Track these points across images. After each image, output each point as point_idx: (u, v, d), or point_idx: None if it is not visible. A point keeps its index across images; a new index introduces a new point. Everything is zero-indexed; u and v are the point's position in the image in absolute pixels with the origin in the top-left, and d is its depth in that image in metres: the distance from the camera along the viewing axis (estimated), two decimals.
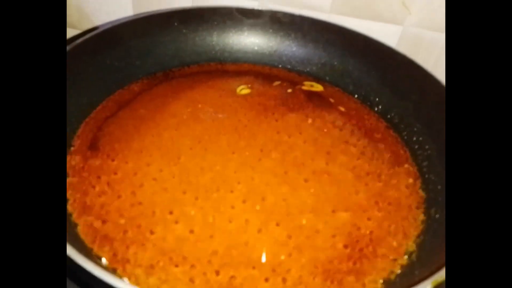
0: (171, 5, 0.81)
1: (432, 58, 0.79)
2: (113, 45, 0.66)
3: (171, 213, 0.49)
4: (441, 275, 0.37)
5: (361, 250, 0.47)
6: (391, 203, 0.53)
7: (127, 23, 0.68)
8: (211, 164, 0.55)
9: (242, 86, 0.69)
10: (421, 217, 0.52)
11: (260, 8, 0.74)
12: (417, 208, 0.53)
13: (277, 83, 0.70)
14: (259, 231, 0.48)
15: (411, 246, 0.48)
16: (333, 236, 0.48)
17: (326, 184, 0.54)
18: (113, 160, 0.54)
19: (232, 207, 0.50)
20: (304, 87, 0.70)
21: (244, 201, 0.51)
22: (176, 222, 0.48)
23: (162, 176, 0.53)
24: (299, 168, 0.56)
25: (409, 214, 0.52)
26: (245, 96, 0.67)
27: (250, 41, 0.75)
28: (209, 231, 0.47)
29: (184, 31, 0.73)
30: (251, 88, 0.69)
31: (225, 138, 0.59)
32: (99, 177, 0.52)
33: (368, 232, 0.49)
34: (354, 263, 0.46)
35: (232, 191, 0.52)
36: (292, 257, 0.46)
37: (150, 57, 0.70)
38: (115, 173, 0.52)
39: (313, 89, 0.70)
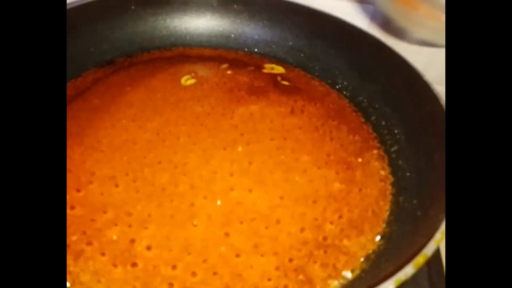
0: None
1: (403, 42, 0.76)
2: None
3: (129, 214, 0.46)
4: (405, 273, 0.35)
5: (326, 240, 0.45)
6: (360, 190, 0.51)
7: (80, 6, 0.63)
8: (169, 158, 0.52)
9: (205, 72, 0.66)
10: (389, 206, 0.50)
11: None
12: (385, 195, 0.51)
13: (243, 68, 0.67)
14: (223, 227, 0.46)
15: (379, 235, 0.47)
16: (301, 229, 0.46)
17: (293, 173, 0.51)
18: None
19: (192, 204, 0.47)
20: (264, 70, 0.67)
21: (205, 197, 0.48)
22: (130, 226, 0.45)
23: (114, 173, 0.49)
24: (264, 158, 0.53)
25: (378, 202, 0.50)
26: (209, 82, 0.64)
27: (213, 24, 0.71)
28: (167, 233, 0.45)
29: (142, 14, 0.69)
30: (215, 74, 0.66)
31: (185, 129, 0.56)
32: None
33: (336, 221, 0.47)
34: (321, 254, 0.44)
35: (192, 187, 0.49)
36: (258, 249, 0.44)
37: (106, 43, 0.66)
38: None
39: (274, 71, 0.67)
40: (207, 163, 0.52)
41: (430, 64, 0.67)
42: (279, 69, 0.68)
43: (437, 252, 0.52)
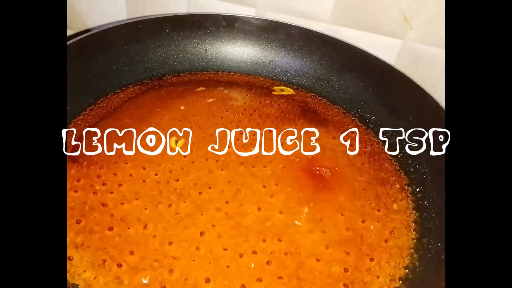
0: (165, 10, 0.79)
1: (433, 75, 0.76)
2: (101, 49, 0.64)
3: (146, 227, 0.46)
4: None
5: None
6: (388, 229, 0.50)
7: (117, 27, 0.65)
8: (192, 180, 0.52)
9: (236, 97, 0.67)
10: (412, 246, 0.49)
11: (256, 16, 0.72)
12: (410, 236, 0.50)
13: (271, 96, 0.68)
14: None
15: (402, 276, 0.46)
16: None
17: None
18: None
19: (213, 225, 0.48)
20: (274, 92, 0.68)
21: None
22: (154, 237, 0.45)
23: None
24: (292, 199, 0.53)
25: (402, 242, 0.49)
26: (238, 108, 0.65)
27: (244, 50, 0.73)
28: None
29: (175, 37, 0.70)
30: (245, 99, 0.67)
31: (213, 154, 0.56)
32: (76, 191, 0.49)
33: (360, 264, 0.47)
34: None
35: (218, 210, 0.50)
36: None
37: (139, 64, 0.68)
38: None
39: (284, 93, 0.68)
40: (231, 191, 0.52)
41: None
42: (288, 91, 0.69)
43: None
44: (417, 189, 0.55)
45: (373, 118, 0.64)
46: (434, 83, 0.76)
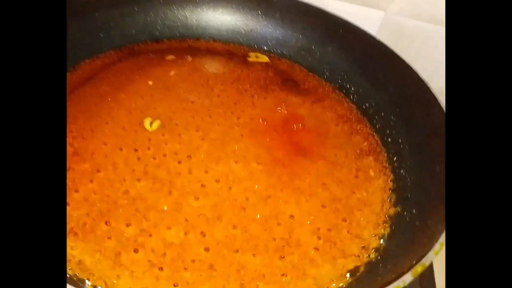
0: None
1: (413, 48, 0.77)
2: (76, 15, 0.61)
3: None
4: (403, 280, 0.36)
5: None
6: (360, 198, 0.51)
7: None
8: (174, 150, 0.52)
9: (216, 66, 0.66)
10: (389, 213, 0.50)
11: None
12: (385, 203, 0.51)
13: (251, 65, 0.67)
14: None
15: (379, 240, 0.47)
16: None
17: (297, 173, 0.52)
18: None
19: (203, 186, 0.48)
20: (250, 59, 0.68)
21: (217, 181, 0.49)
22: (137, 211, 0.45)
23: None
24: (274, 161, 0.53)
25: (377, 209, 0.50)
26: (218, 76, 0.64)
27: (225, 18, 0.71)
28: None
29: (154, 3, 0.68)
30: (225, 68, 0.66)
31: (193, 121, 0.56)
32: None
33: (335, 225, 0.48)
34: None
35: (206, 171, 0.50)
36: None
37: (116, 30, 0.66)
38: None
39: (259, 60, 0.68)
40: (210, 155, 0.52)
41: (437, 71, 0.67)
42: (263, 58, 0.68)
43: None
44: (394, 158, 0.56)
45: (353, 88, 0.65)
46: (414, 56, 0.76)
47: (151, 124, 0.54)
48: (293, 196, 0.49)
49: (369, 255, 0.46)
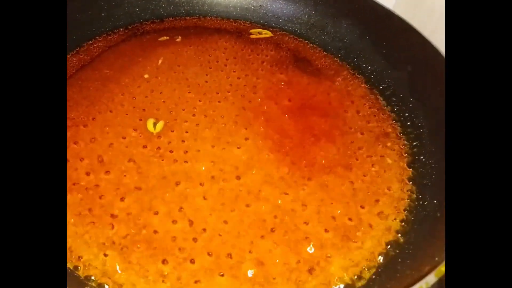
0: None
1: (432, 19, 0.72)
2: None
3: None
4: (426, 281, 0.34)
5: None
6: (376, 187, 0.48)
7: None
8: (181, 138, 0.49)
9: (225, 45, 0.62)
10: (408, 203, 0.47)
11: None
12: (404, 192, 0.48)
13: (262, 43, 0.63)
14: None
15: (397, 232, 0.45)
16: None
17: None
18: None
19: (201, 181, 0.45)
20: (252, 36, 0.64)
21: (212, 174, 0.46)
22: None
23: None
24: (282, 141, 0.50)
25: (395, 198, 0.48)
26: (226, 57, 0.61)
27: None
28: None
29: None
30: (234, 48, 0.62)
31: (201, 104, 0.53)
32: None
33: (351, 216, 0.45)
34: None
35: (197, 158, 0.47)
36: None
37: (119, 9, 0.63)
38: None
39: (262, 36, 0.64)
40: (219, 139, 0.49)
41: None
42: (267, 33, 0.65)
43: None
44: (414, 143, 0.52)
45: (369, 68, 0.61)
46: (434, 28, 0.72)
47: (154, 125, 0.50)
48: (306, 184, 0.47)
49: (386, 249, 0.43)
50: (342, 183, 0.47)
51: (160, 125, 0.49)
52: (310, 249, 0.42)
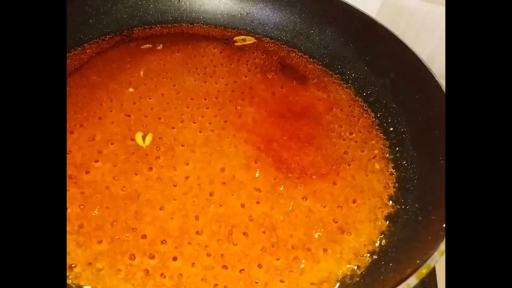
0: None
1: (413, 28, 0.74)
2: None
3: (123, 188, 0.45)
4: (408, 284, 0.35)
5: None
6: (359, 191, 0.49)
7: None
8: (171, 145, 0.50)
9: (212, 52, 0.63)
10: (390, 206, 0.49)
11: None
12: (386, 196, 0.50)
13: (248, 50, 0.65)
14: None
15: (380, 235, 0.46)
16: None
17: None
18: None
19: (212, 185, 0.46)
20: (237, 43, 0.65)
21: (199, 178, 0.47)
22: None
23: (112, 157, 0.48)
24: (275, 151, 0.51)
25: (378, 202, 0.49)
26: (214, 64, 0.61)
27: (220, 1, 0.68)
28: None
29: None
30: (221, 54, 0.63)
31: (189, 110, 0.54)
32: None
33: (337, 220, 0.46)
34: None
35: (186, 164, 0.48)
36: None
37: (107, 15, 0.63)
38: None
39: (246, 42, 0.65)
40: (205, 145, 0.50)
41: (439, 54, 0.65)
42: (250, 39, 0.66)
43: None
44: (396, 148, 0.54)
45: (353, 75, 0.62)
46: (414, 36, 0.74)
47: (143, 138, 0.50)
48: (293, 190, 0.48)
49: (369, 253, 0.44)
50: (327, 187, 0.49)
51: (149, 138, 0.50)
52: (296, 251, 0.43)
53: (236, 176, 0.48)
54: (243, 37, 0.67)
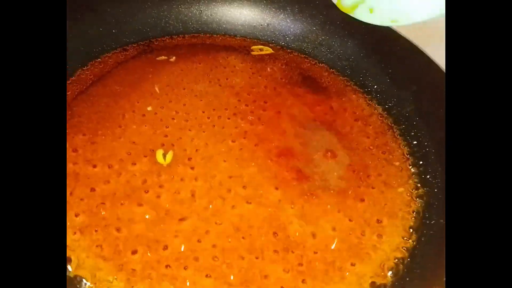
0: None
1: (435, 38, 0.73)
2: (87, 10, 0.59)
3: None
4: None
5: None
6: (383, 208, 0.48)
7: None
8: (190, 153, 0.50)
9: (233, 63, 0.63)
10: (414, 221, 0.48)
11: None
12: (410, 210, 0.49)
13: (269, 61, 0.64)
14: None
15: (403, 256, 0.45)
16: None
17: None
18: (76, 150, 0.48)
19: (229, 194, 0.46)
20: (253, 52, 0.65)
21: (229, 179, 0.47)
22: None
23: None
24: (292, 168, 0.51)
25: (403, 221, 0.48)
26: (235, 74, 0.61)
27: (241, 12, 0.69)
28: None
29: None
30: (243, 65, 0.63)
31: (209, 121, 0.54)
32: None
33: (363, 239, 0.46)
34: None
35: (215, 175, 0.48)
36: None
37: (129, 26, 0.63)
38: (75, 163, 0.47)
39: (263, 52, 0.65)
40: (228, 154, 0.50)
41: None
42: (267, 50, 0.66)
43: None
44: (420, 162, 0.53)
45: (375, 87, 0.62)
46: (436, 48, 0.73)
47: (164, 156, 0.49)
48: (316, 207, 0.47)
49: (393, 269, 0.43)
50: (351, 201, 0.48)
51: (169, 156, 0.49)
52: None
53: (259, 190, 0.47)
54: (260, 46, 0.66)
